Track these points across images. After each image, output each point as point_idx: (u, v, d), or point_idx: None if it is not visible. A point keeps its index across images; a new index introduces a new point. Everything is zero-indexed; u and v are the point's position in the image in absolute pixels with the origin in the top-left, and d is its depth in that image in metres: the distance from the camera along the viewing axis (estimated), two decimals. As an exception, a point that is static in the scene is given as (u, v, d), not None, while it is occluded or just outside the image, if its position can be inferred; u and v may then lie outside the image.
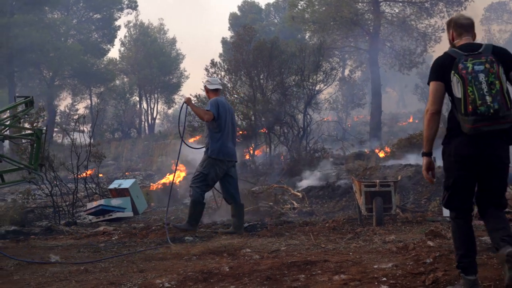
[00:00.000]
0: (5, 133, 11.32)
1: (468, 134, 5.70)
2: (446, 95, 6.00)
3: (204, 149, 11.84)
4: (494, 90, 5.60)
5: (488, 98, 5.57)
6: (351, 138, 32.40)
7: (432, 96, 5.98)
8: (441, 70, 5.94)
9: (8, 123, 11.38)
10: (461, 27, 6.21)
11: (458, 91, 5.71)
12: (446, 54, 6.04)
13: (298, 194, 16.56)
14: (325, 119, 31.95)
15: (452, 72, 5.77)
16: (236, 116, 29.67)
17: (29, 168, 10.65)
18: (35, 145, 10.79)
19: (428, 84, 6.09)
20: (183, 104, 12.43)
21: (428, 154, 6.12)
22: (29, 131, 11.74)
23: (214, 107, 11.43)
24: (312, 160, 25.20)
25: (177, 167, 16.25)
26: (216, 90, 12.08)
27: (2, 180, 10.99)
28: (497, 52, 5.87)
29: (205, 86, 12.22)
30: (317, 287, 6.26)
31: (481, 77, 5.62)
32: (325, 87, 30.85)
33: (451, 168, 6.01)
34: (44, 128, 10.99)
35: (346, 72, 52.63)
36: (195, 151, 13.62)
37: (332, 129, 35.96)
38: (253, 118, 28.24)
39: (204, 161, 11.53)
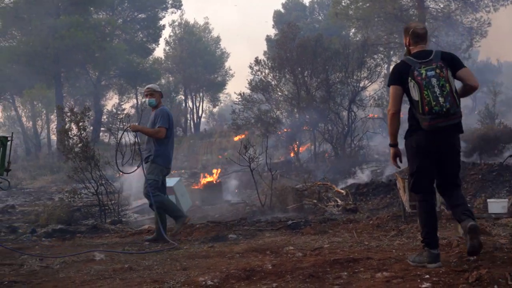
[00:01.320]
0: None
1: (426, 130, 6.83)
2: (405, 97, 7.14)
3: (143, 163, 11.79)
4: (445, 91, 6.75)
5: (441, 99, 6.72)
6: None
7: (392, 99, 7.13)
8: (399, 76, 7.09)
9: None
10: (418, 36, 7.31)
11: (415, 95, 6.83)
12: (402, 62, 7.18)
13: (342, 191, 16.52)
14: (370, 116, 31.75)
15: (409, 78, 6.88)
16: (280, 113, 29.79)
17: None
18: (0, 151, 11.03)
19: (388, 86, 7.27)
20: (124, 131, 12.35)
21: (394, 145, 7.35)
22: None
23: (166, 120, 11.53)
24: (356, 157, 25.12)
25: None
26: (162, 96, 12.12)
27: None
28: (445, 58, 7.03)
29: (160, 92, 12.12)
30: (360, 284, 6.22)
31: (433, 81, 6.77)
32: (370, 83, 30.78)
33: (414, 157, 7.17)
34: (9, 136, 11.18)
35: (391, 68, 52.21)
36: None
37: (377, 126, 35.69)
38: (297, 115, 28.26)
39: (154, 169, 11.49)
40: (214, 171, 25.06)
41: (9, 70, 50.25)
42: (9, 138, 10.97)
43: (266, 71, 30.84)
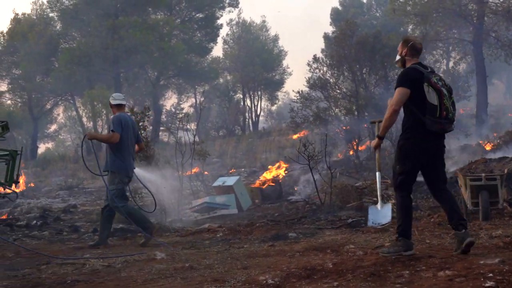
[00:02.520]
0: None
1: (435, 132, 7.73)
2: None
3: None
4: (451, 100, 7.87)
5: (451, 108, 7.81)
6: (456, 131, 31.82)
7: (399, 99, 7.80)
8: (413, 81, 7.75)
9: None
10: (415, 50, 8.13)
11: (434, 100, 7.63)
12: (414, 68, 7.90)
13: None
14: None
15: (425, 84, 7.65)
16: (339, 111, 29.68)
17: (3, 185, 11.36)
18: (10, 164, 11.47)
19: (397, 87, 7.88)
20: (84, 138, 12.48)
21: (382, 137, 8.56)
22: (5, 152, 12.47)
23: (118, 126, 11.68)
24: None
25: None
26: (120, 105, 12.24)
27: None
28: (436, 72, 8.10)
29: (110, 102, 12.32)
30: (422, 283, 6.16)
31: (444, 91, 7.74)
32: (429, 80, 30.51)
33: (409, 159, 7.92)
34: (19, 150, 11.64)
35: (450, 64, 51.49)
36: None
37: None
38: (356, 113, 28.14)
39: (114, 178, 11.72)
40: (268, 171, 25.11)
41: (69, 71, 51.00)
42: (18, 152, 11.43)
43: (325, 68, 30.72)
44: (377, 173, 9.89)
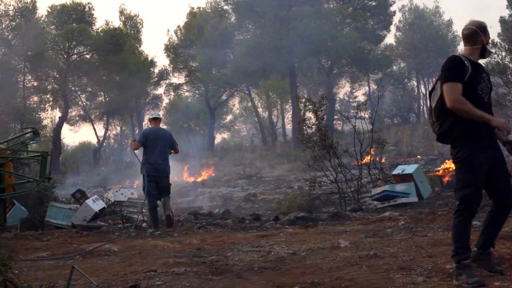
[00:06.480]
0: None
1: None
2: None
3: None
4: None
5: None
6: None
7: None
8: None
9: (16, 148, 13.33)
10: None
11: None
12: None
13: None
14: None
15: None
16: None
17: (37, 181, 12.29)
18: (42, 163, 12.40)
19: None
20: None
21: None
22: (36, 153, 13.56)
23: (141, 137, 14.70)
24: None
25: None
26: (154, 119, 15.06)
27: (14, 190, 12.75)
28: None
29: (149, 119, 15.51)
30: None
31: None
32: None
33: None
34: (49, 151, 12.63)
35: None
36: None
37: None
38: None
39: (143, 179, 14.27)
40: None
41: (244, 62, 51.90)
42: (49, 153, 12.50)
43: (503, 53, 29.94)
44: None
